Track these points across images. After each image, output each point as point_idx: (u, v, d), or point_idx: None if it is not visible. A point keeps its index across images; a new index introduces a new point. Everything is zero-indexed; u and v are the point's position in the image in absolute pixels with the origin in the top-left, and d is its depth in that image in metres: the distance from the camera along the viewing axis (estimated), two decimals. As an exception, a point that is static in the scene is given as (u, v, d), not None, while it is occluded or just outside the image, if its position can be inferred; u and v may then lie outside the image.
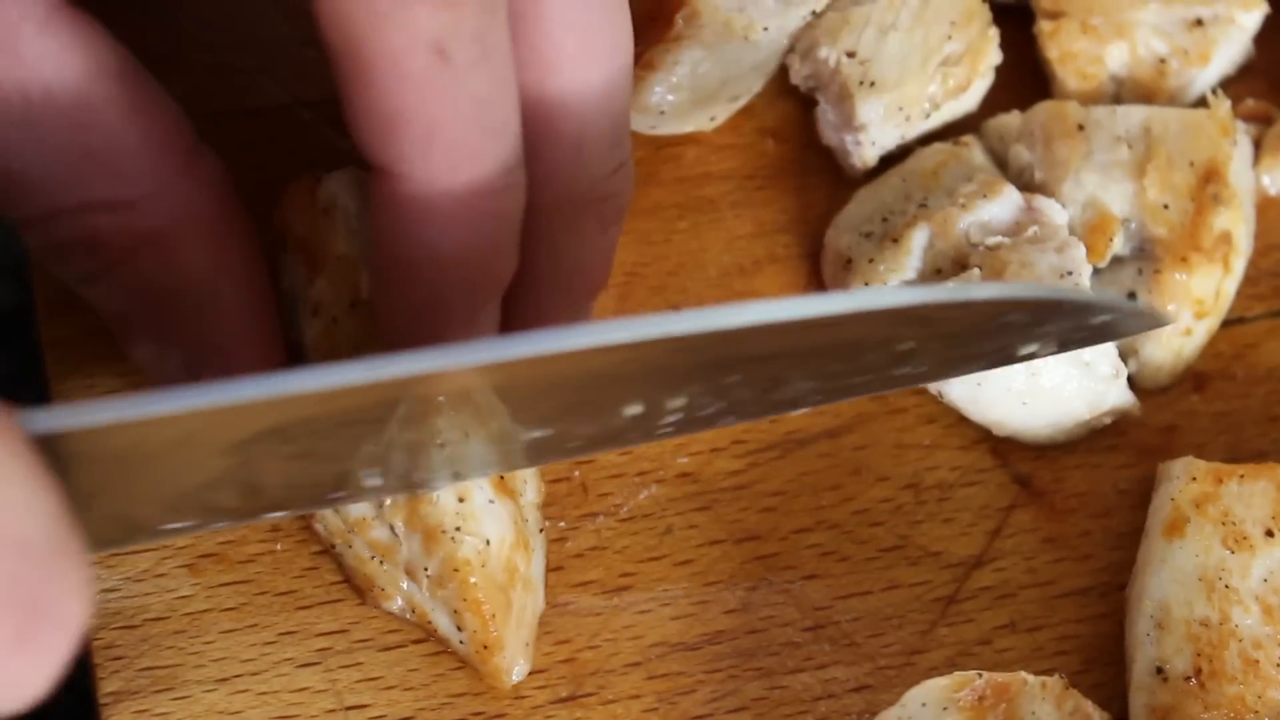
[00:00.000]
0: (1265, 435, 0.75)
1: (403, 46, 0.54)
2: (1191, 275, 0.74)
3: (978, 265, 0.72)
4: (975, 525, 0.72)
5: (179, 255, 0.61)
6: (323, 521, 0.67)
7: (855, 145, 0.77)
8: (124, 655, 0.66)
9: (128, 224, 0.60)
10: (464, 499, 0.65)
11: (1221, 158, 0.75)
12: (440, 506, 0.65)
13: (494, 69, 0.56)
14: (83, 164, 0.58)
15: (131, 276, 0.61)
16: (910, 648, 0.69)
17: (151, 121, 0.59)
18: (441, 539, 0.64)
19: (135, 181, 0.60)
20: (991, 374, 0.70)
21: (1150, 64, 0.79)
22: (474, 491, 0.65)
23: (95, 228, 0.60)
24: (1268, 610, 0.66)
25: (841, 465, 0.73)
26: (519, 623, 0.66)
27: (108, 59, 0.58)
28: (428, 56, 0.54)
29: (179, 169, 0.61)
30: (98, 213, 0.60)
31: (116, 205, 0.60)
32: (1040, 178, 0.76)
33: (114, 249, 0.61)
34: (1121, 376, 0.72)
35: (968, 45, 0.77)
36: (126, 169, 0.59)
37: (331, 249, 0.68)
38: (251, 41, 0.78)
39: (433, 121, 0.55)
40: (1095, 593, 0.71)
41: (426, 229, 0.57)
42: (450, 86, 0.55)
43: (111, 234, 0.60)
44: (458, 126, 0.56)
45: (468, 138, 0.56)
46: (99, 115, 0.58)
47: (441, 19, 0.54)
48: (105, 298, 0.63)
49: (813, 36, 0.76)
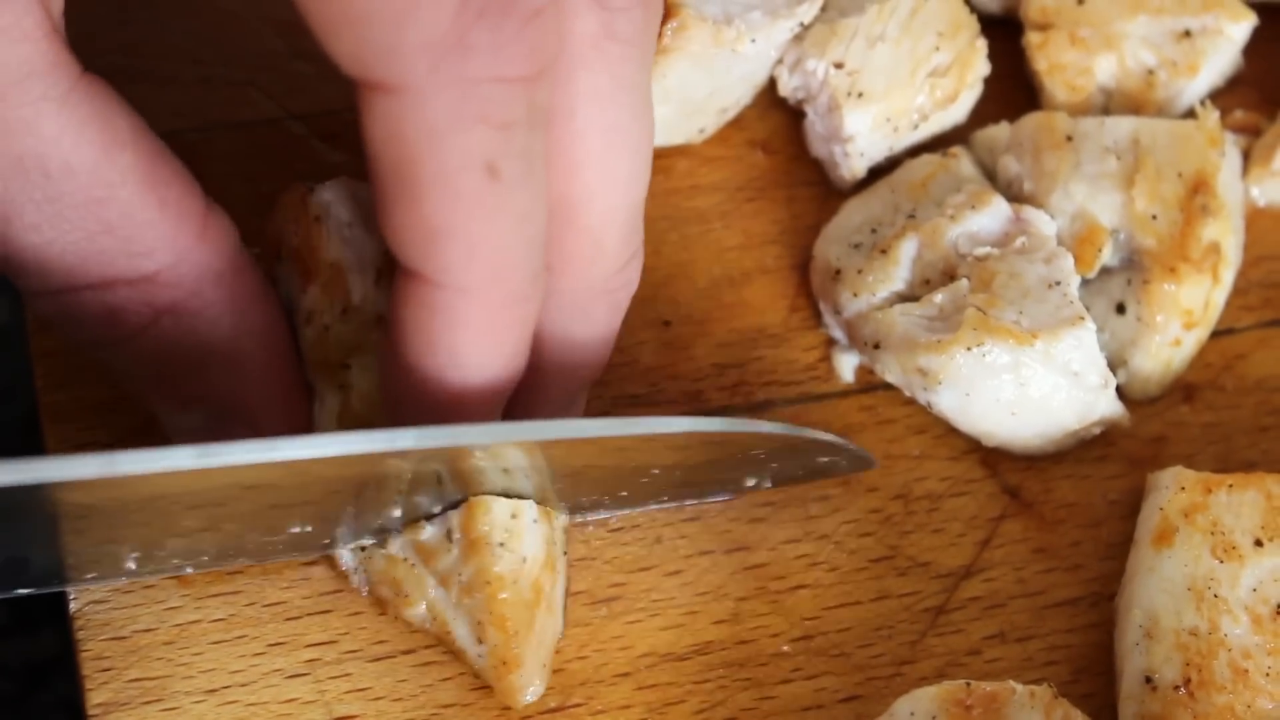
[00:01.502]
0: (1254, 446, 0.75)
1: (457, 166, 0.54)
2: (1180, 286, 0.74)
3: (966, 276, 0.72)
4: (965, 535, 0.72)
5: (199, 322, 0.61)
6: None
7: (844, 156, 0.77)
8: (113, 666, 0.66)
9: (147, 296, 0.60)
10: (516, 515, 0.65)
11: (1210, 169, 0.75)
12: (493, 517, 0.64)
13: (535, 184, 0.57)
14: (103, 239, 0.58)
15: (151, 344, 0.61)
16: (900, 658, 0.69)
17: (167, 190, 0.59)
18: (484, 550, 0.64)
19: (154, 254, 0.59)
20: (980, 385, 0.71)
21: (1139, 75, 0.79)
22: (525, 509, 0.65)
23: (115, 302, 0.60)
24: (1257, 620, 0.66)
25: (831, 476, 0.73)
26: (539, 642, 0.66)
27: (123, 130, 0.58)
28: (479, 175, 0.54)
29: (195, 236, 0.60)
30: (118, 287, 0.59)
31: (137, 280, 0.59)
32: (1029, 189, 0.76)
33: (133, 320, 0.60)
34: (1110, 387, 0.72)
35: (955, 56, 0.77)
36: (145, 242, 0.59)
37: (323, 257, 0.68)
38: (242, 55, 0.78)
39: (478, 236, 0.56)
40: (1085, 603, 0.71)
41: (457, 335, 0.58)
42: (498, 204, 0.55)
43: (131, 306, 0.60)
44: (500, 240, 0.56)
45: (509, 250, 0.57)
46: (117, 189, 0.58)
47: (496, 139, 0.55)
48: (125, 363, 0.63)
49: (801, 48, 0.76)
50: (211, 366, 0.62)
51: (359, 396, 0.66)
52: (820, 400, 0.74)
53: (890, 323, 0.72)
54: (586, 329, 0.64)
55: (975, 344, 0.70)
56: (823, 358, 0.76)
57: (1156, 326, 0.74)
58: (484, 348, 0.58)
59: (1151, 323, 0.74)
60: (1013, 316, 0.70)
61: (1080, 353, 0.70)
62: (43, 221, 0.57)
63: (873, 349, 0.73)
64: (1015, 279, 0.71)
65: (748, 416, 0.73)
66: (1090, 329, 0.70)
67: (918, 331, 0.71)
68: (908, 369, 0.72)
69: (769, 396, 0.74)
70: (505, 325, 0.59)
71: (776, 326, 0.76)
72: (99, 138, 0.57)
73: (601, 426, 0.60)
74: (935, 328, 0.71)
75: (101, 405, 0.71)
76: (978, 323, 0.70)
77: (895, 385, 0.74)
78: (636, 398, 0.73)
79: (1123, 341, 0.75)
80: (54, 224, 0.57)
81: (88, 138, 0.57)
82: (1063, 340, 0.70)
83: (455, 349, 0.58)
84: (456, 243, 0.56)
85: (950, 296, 0.72)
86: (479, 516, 0.64)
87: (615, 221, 0.62)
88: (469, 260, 0.56)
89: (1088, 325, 0.70)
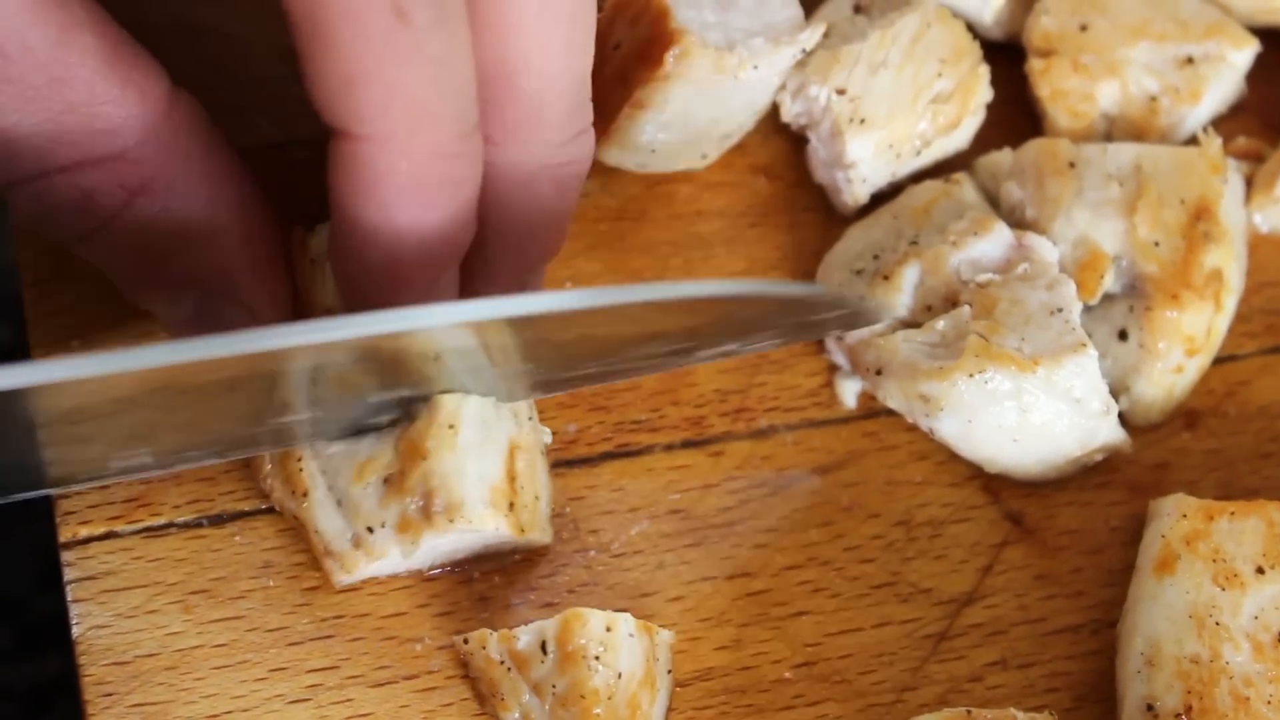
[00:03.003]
0: (1257, 473, 0.75)
1: (363, 6, 0.55)
2: (1183, 313, 0.74)
3: (968, 302, 0.72)
4: (966, 562, 0.72)
5: (173, 200, 0.62)
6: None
7: (846, 182, 0.77)
8: (115, 691, 0.66)
9: (118, 176, 0.61)
10: (611, 628, 0.65)
11: (1213, 195, 0.75)
12: (590, 630, 0.64)
13: (451, 31, 0.57)
14: (67, 119, 0.59)
15: (129, 227, 0.62)
16: (901, 685, 0.69)
17: (130, 70, 0.60)
18: (580, 663, 0.64)
19: (120, 132, 0.60)
20: (982, 411, 0.71)
21: (1141, 102, 0.80)
22: (620, 623, 0.65)
23: (87, 184, 0.61)
24: (1258, 648, 0.66)
25: (832, 502, 0.73)
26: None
27: (79, 12, 0.59)
28: (387, 17, 0.55)
29: (161, 114, 0.61)
30: (87, 169, 0.60)
31: (105, 159, 0.60)
32: (1032, 215, 0.76)
33: (108, 203, 0.61)
34: (1112, 413, 0.72)
35: (958, 82, 0.78)
36: (110, 120, 0.60)
37: (319, 300, 0.68)
38: (245, 80, 0.78)
39: (391, 81, 0.56)
40: (1086, 630, 0.71)
41: (384, 190, 0.58)
42: (409, 47, 0.56)
43: (104, 188, 0.61)
44: (416, 86, 0.57)
45: (425, 97, 0.57)
46: (77, 69, 0.58)
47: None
48: (105, 253, 0.64)
49: (803, 74, 0.77)
50: (191, 245, 0.63)
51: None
52: (822, 426, 0.75)
53: (892, 349, 0.72)
54: (532, 206, 0.65)
55: (977, 370, 0.70)
56: (825, 384, 0.76)
57: (1159, 353, 0.74)
58: (415, 202, 0.59)
59: (1154, 349, 0.74)
60: (1015, 343, 0.70)
61: (1082, 379, 0.70)
62: (5, 103, 0.58)
63: (875, 375, 0.73)
64: (1017, 305, 0.72)
65: (750, 442, 0.74)
66: (1092, 356, 0.70)
67: (920, 358, 0.72)
68: (910, 395, 0.72)
69: (771, 422, 0.74)
70: (435, 181, 0.59)
71: (779, 352, 0.76)
72: (55, 18, 0.58)
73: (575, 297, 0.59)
74: (937, 354, 0.71)
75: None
76: (979, 349, 0.70)
77: (897, 411, 0.74)
78: (639, 423, 0.74)
79: (1125, 368, 0.75)
80: (17, 105, 0.58)
81: (43, 17, 0.57)
82: (1065, 367, 0.70)
83: (385, 203, 0.58)
84: (371, 88, 0.56)
85: (952, 323, 0.72)
86: (575, 628, 0.64)
87: (555, 90, 0.62)
88: (386, 106, 0.56)
89: (1090, 352, 0.70)
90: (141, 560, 0.68)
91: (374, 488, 0.66)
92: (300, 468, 0.67)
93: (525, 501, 0.67)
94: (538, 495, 0.69)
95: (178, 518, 0.69)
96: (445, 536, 0.65)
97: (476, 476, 0.65)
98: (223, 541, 0.69)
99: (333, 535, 0.67)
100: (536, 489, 0.69)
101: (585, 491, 0.72)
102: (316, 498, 0.67)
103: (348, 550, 0.66)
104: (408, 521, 0.65)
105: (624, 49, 0.73)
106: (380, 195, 0.58)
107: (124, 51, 0.60)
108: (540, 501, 0.69)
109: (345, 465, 0.67)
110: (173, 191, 0.62)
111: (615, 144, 0.75)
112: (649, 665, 0.66)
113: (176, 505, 0.70)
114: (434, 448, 0.65)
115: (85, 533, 0.69)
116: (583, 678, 0.64)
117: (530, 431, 0.69)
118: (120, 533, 0.69)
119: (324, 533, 0.67)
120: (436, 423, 0.65)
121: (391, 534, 0.66)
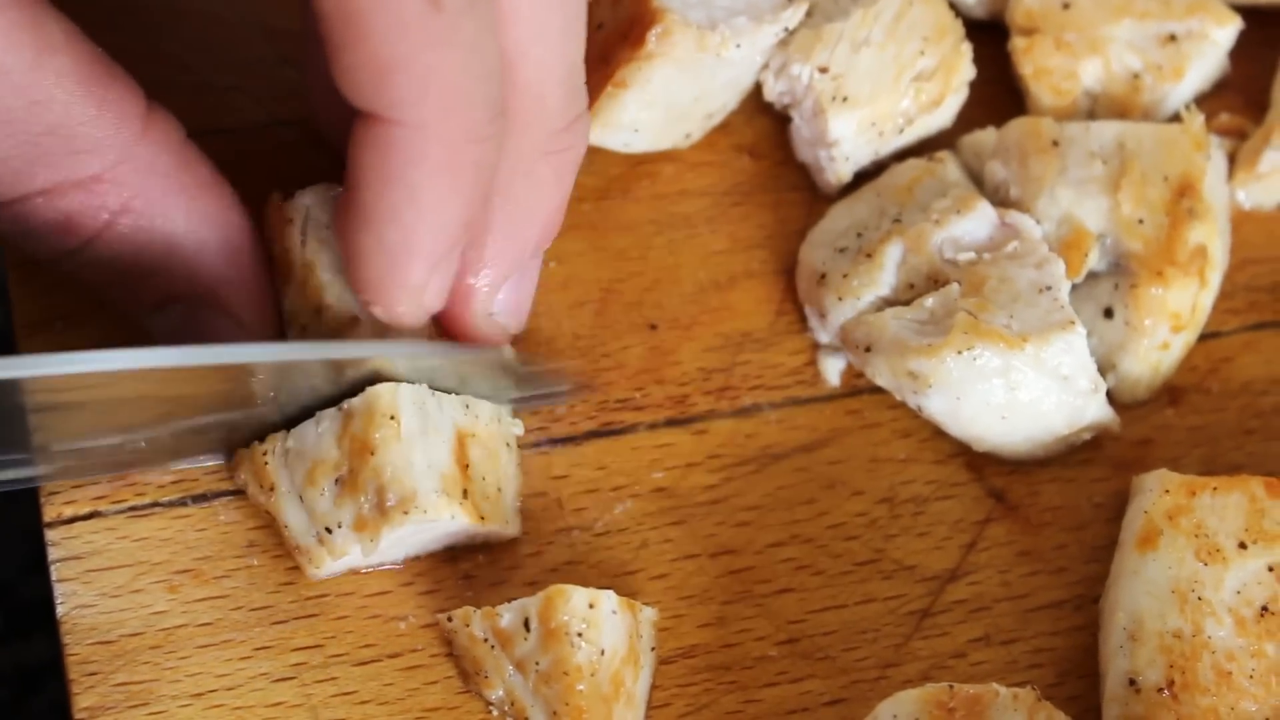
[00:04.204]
0: (1240, 449, 0.75)
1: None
2: (1168, 289, 0.74)
3: (957, 279, 0.72)
4: (950, 539, 0.72)
5: (153, 218, 0.63)
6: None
7: (829, 161, 0.77)
8: (99, 671, 0.66)
9: (98, 197, 0.62)
10: (594, 605, 0.65)
11: (1196, 172, 0.75)
12: (572, 607, 0.64)
13: (480, 15, 0.58)
14: (45, 141, 0.59)
15: (110, 246, 0.63)
16: (885, 661, 0.70)
17: (105, 90, 0.60)
18: (563, 640, 0.64)
19: (97, 153, 0.61)
20: (970, 388, 0.71)
21: (1124, 80, 0.80)
22: (603, 600, 0.65)
23: (67, 206, 0.61)
24: (1240, 622, 0.66)
25: (816, 479, 0.73)
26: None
27: (56, 34, 0.59)
28: (420, 3, 0.56)
29: (137, 133, 0.62)
30: (67, 191, 0.61)
31: (84, 180, 0.61)
32: (1016, 194, 0.76)
33: (88, 223, 0.62)
34: (1100, 391, 0.72)
35: (940, 61, 0.78)
36: (87, 141, 0.60)
37: (295, 258, 0.68)
38: (230, 61, 0.78)
39: (427, 67, 0.57)
40: (1070, 606, 0.71)
41: (414, 173, 0.59)
42: (442, 32, 0.56)
43: (84, 210, 0.62)
44: (450, 71, 0.57)
45: (460, 83, 0.58)
46: (53, 90, 0.59)
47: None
48: (88, 270, 0.64)
49: (786, 53, 0.77)
50: (173, 261, 0.64)
51: None
52: (806, 404, 0.75)
53: (881, 326, 0.72)
54: (533, 191, 0.65)
55: (966, 348, 0.70)
56: (809, 362, 0.76)
57: (1144, 330, 0.74)
58: (443, 185, 0.59)
59: (1139, 327, 0.74)
60: (1003, 321, 0.71)
61: (1070, 357, 0.71)
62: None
63: (863, 352, 0.73)
64: (1006, 283, 0.72)
65: (734, 421, 0.74)
66: (1080, 333, 0.70)
67: (908, 335, 0.72)
68: (898, 372, 0.72)
69: (755, 400, 0.74)
70: (464, 164, 0.60)
71: (762, 331, 0.76)
72: (31, 40, 0.58)
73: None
74: (926, 331, 0.71)
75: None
76: (968, 326, 0.70)
77: (883, 389, 0.74)
78: (623, 401, 0.74)
79: (1111, 346, 0.75)
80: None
81: (18, 40, 0.57)
82: (1052, 344, 0.70)
83: (414, 185, 0.59)
84: (409, 75, 0.57)
85: (941, 300, 0.72)
86: (557, 605, 0.64)
87: (553, 78, 0.63)
88: (423, 93, 0.57)
89: (1078, 330, 0.70)
90: (126, 540, 0.69)
91: (328, 489, 0.66)
92: (266, 461, 0.67)
93: (486, 491, 0.67)
94: (500, 487, 0.68)
95: (162, 497, 0.69)
96: (404, 529, 0.65)
97: (425, 465, 0.65)
98: (207, 521, 0.69)
99: (299, 531, 0.67)
100: (499, 480, 0.68)
101: (569, 470, 0.72)
102: (282, 490, 0.67)
103: (314, 545, 0.66)
104: (363, 520, 0.65)
105: (606, 28, 0.73)
106: (410, 178, 0.59)
107: (100, 71, 0.60)
108: (504, 494, 0.69)
109: (298, 465, 0.66)
110: (152, 209, 0.63)
111: (598, 123, 0.75)
112: (632, 642, 0.66)
113: (161, 485, 0.70)
114: (380, 440, 0.65)
115: (70, 512, 0.69)
116: (565, 655, 0.64)
117: (489, 423, 0.68)
118: (105, 512, 0.69)
119: (291, 527, 0.67)
120: (379, 413, 0.65)
121: (350, 533, 0.65)
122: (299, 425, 0.67)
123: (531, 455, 0.72)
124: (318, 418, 0.66)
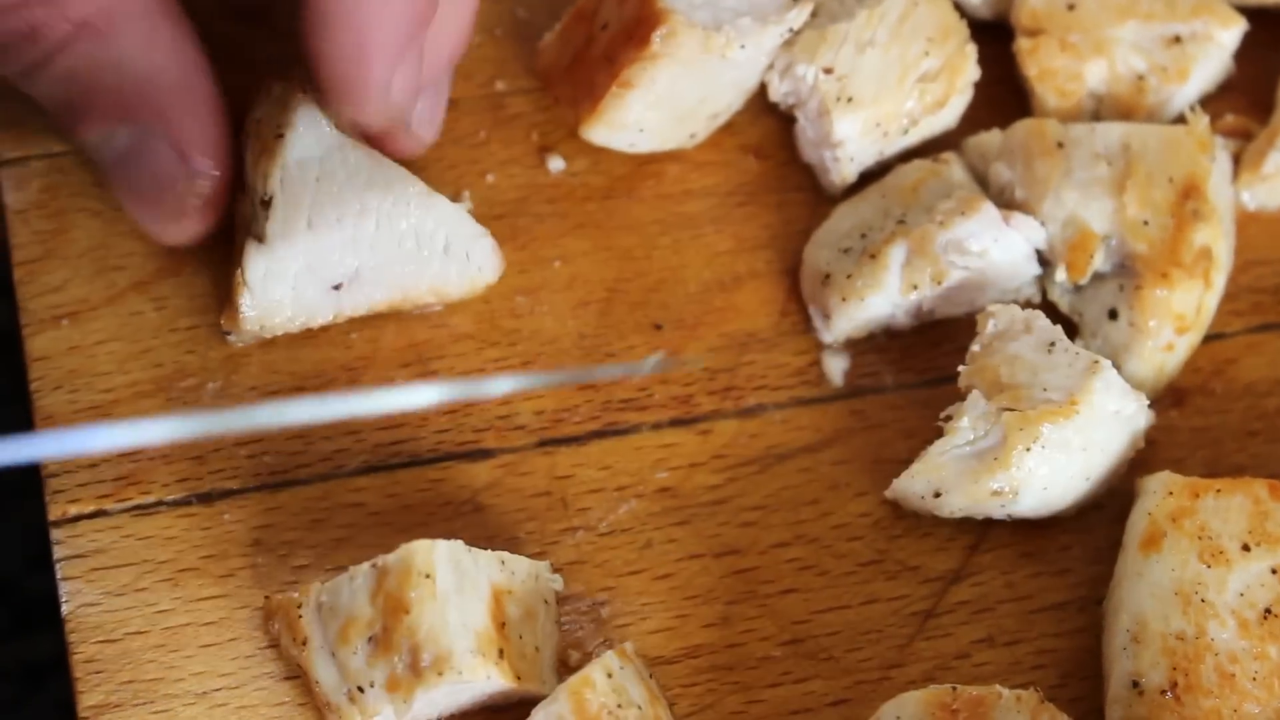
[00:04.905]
0: (1243, 450, 0.75)
1: None
2: (1173, 291, 0.74)
3: (966, 389, 0.71)
4: (954, 540, 0.72)
5: (113, 36, 0.66)
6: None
7: (834, 161, 0.77)
8: (104, 669, 0.67)
9: (62, 10, 0.65)
10: (611, 674, 0.65)
11: (1201, 173, 0.75)
12: (598, 688, 0.64)
13: None
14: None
15: (72, 62, 0.66)
16: (888, 662, 0.70)
17: None
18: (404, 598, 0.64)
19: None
20: (1052, 473, 0.69)
21: (1129, 81, 0.80)
22: (611, 661, 0.65)
23: (33, 19, 0.65)
24: (1244, 624, 0.67)
25: (820, 480, 0.73)
26: None
27: None
28: None
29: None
30: (34, 6, 0.65)
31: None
32: (1021, 195, 0.76)
33: (52, 38, 0.65)
34: (1143, 403, 0.71)
35: (945, 61, 0.78)
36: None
37: (270, 131, 0.71)
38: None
39: None
40: (1073, 607, 0.71)
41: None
42: None
43: (49, 23, 0.65)
44: None
45: None
46: None
47: None
48: (49, 87, 0.68)
49: (791, 54, 0.77)
50: (129, 82, 0.67)
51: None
52: (810, 404, 0.75)
53: (939, 468, 0.70)
54: (452, 4, 0.69)
55: (1031, 441, 0.69)
56: (813, 362, 0.76)
57: (1149, 332, 0.74)
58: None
59: (1144, 328, 0.74)
60: (1040, 395, 0.69)
61: (1114, 392, 0.70)
62: None
63: (934, 498, 0.71)
64: (1015, 362, 0.70)
65: (738, 421, 0.74)
66: (1108, 366, 0.70)
67: (970, 461, 0.70)
68: (980, 498, 0.70)
69: (759, 401, 0.74)
70: None
71: (767, 331, 0.76)
72: None
73: None
74: (982, 449, 0.70)
75: (93, 408, 0.71)
76: (1020, 421, 0.69)
77: (887, 389, 0.74)
78: (627, 402, 0.74)
79: (1116, 347, 0.75)
80: None
81: None
82: (1096, 391, 0.69)
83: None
84: None
85: (974, 414, 0.70)
86: (586, 695, 0.64)
87: None
88: None
89: (1106, 365, 0.70)
90: (131, 538, 0.69)
91: (360, 648, 0.64)
92: (300, 614, 0.65)
93: (524, 650, 0.66)
94: (538, 646, 0.67)
95: (167, 496, 0.70)
96: (438, 690, 0.63)
97: (460, 624, 0.64)
98: (212, 519, 0.70)
99: (330, 688, 0.65)
100: (537, 639, 0.67)
101: (573, 470, 0.72)
102: (315, 646, 0.65)
103: (345, 704, 0.65)
104: (397, 680, 0.63)
105: (611, 29, 0.73)
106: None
107: None
108: (542, 653, 0.67)
109: (331, 620, 0.65)
110: (114, 30, 0.66)
111: (603, 123, 0.75)
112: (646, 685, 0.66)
113: (166, 484, 0.70)
114: (415, 599, 0.63)
115: (75, 511, 0.69)
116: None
117: (526, 579, 0.67)
118: (110, 511, 0.69)
119: (323, 684, 0.65)
120: (414, 571, 0.64)
121: (383, 693, 0.64)
122: (333, 580, 0.65)
123: (536, 454, 0.72)
124: (351, 573, 0.65)
